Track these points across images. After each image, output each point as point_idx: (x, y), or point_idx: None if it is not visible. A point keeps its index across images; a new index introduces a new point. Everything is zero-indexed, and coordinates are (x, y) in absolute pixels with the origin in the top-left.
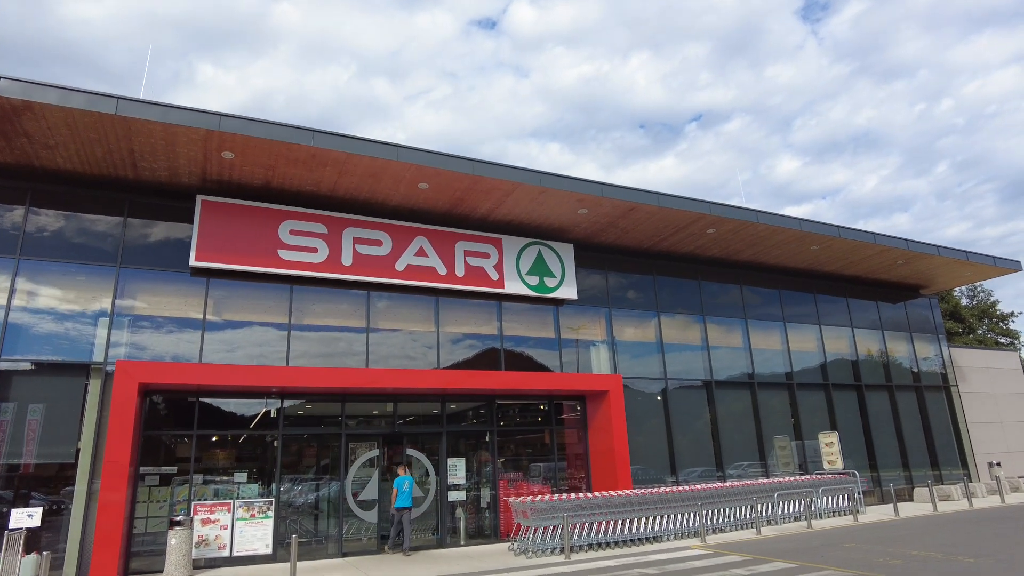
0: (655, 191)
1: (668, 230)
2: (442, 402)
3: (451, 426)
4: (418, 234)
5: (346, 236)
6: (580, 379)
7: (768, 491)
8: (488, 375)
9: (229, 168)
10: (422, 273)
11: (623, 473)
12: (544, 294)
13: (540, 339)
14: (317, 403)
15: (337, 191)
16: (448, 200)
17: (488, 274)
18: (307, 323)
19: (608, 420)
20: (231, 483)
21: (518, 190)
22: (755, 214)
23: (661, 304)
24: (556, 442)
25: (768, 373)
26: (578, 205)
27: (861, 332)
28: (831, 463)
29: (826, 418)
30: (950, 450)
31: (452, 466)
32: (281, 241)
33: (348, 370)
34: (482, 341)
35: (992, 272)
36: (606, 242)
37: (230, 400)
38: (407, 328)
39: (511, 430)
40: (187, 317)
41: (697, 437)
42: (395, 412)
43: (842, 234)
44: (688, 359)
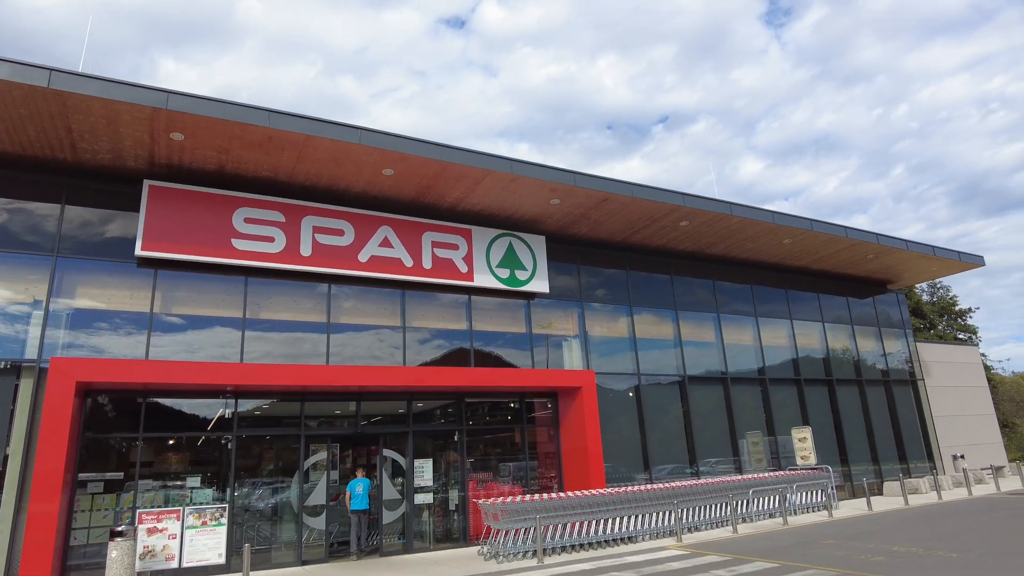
0: (629, 181)
1: (641, 222)
2: (408, 401)
3: (418, 426)
4: (383, 223)
5: (305, 225)
6: (552, 375)
7: (743, 488)
8: (457, 371)
9: (179, 151)
10: (387, 265)
11: (596, 472)
12: (515, 287)
13: (511, 335)
14: (275, 403)
15: (296, 177)
16: (415, 188)
17: (457, 266)
18: (263, 317)
19: (581, 417)
20: (183, 488)
21: (488, 177)
22: (728, 206)
23: (634, 299)
24: (527, 441)
25: (741, 369)
26: (550, 195)
27: (831, 327)
28: (804, 458)
29: (798, 413)
30: (917, 443)
31: (419, 468)
32: (235, 230)
33: (307, 367)
34: (451, 337)
35: (957, 267)
36: (578, 234)
37: (181, 400)
38: (371, 323)
39: (481, 429)
40: (133, 311)
41: (670, 434)
42: (358, 412)
43: (814, 227)
44: (661, 355)
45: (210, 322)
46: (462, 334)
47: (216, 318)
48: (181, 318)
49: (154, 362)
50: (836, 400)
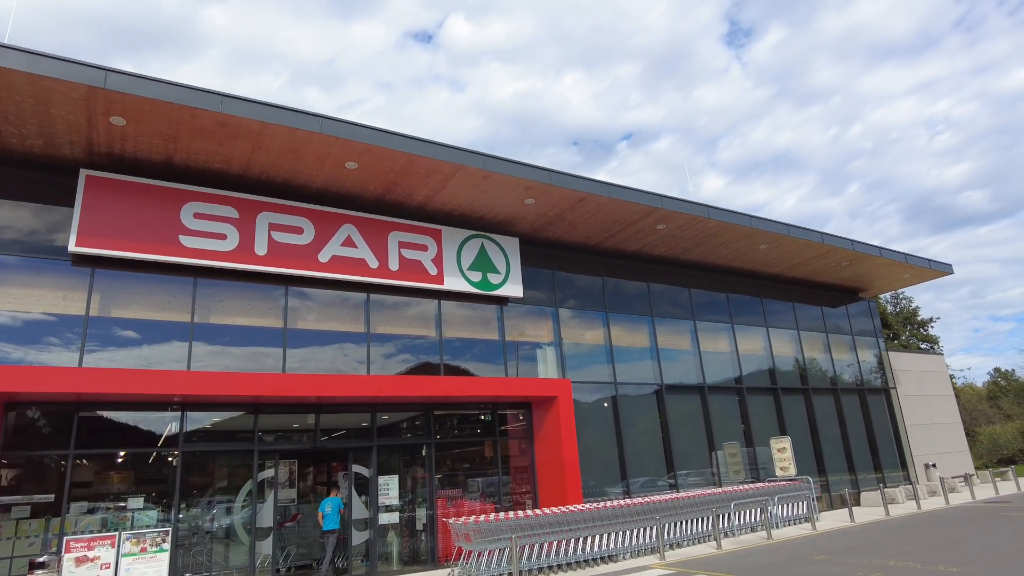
0: (606, 181)
1: (617, 225)
2: (373, 413)
3: (383, 440)
4: (346, 221)
5: (260, 222)
6: (526, 383)
7: (724, 501)
8: (425, 380)
9: (121, 138)
10: (350, 266)
11: (573, 486)
12: (488, 291)
13: (483, 342)
14: (227, 415)
15: (251, 170)
16: (380, 184)
17: (426, 268)
18: (214, 322)
19: (557, 429)
20: (124, 511)
21: (460, 173)
22: (706, 209)
23: (610, 305)
24: (500, 455)
25: (718, 378)
26: (525, 194)
27: (806, 335)
28: (784, 469)
29: (775, 422)
30: (891, 453)
31: (384, 485)
32: (183, 226)
33: (261, 375)
34: (419, 344)
35: (927, 275)
36: (553, 237)
37: (122, 412)
38: (332, 328)
39: (450, 443)
40: (66, 314)
41: (647, 445)
42: (318, 425)
43: (791, 232)
44: (638, 363)
45: (154, 327)
46: (431, 341)
47: (161, 323)
48: (122, 322)
49: (90, 370)
50: (812, 409)
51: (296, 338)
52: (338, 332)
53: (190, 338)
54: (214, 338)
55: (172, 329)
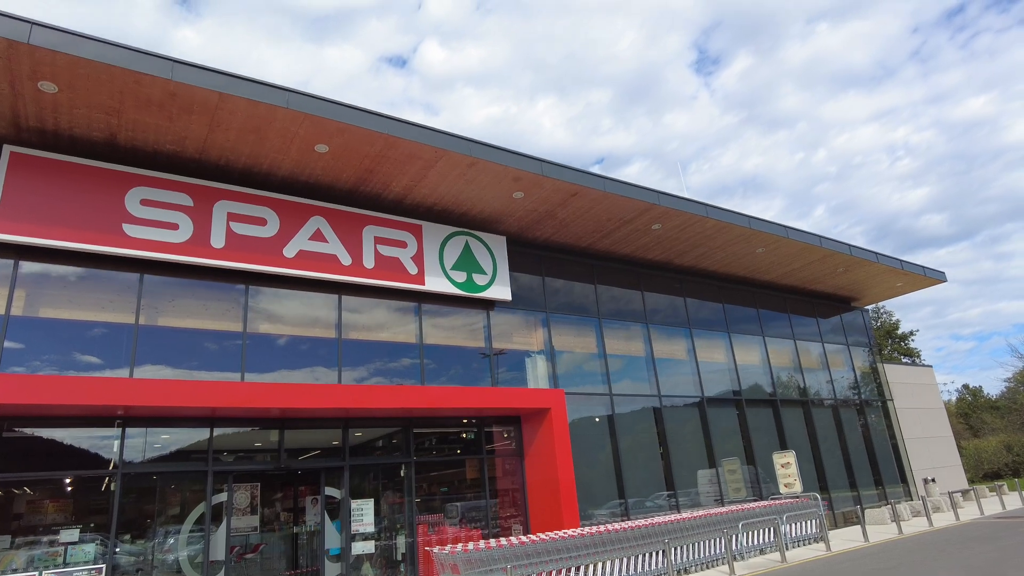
0: (601, 175)
1: (611, 224)
2: (344, 429)
3: (356, 459)
4: (315, 213)
5: (218, 211)
6: (516, 394)
7: (731, 521)
8: (404, 391)
9: (54, 110)
10: (320, 262)
11: (569, 508)
12: (473, 293)
13: (468, 350)
14: (176, 431)
15: (208, 153)
16: (354, 172)
17: (405, 267)
18: (163, 324)
19: (550, 444)
20: (56, 545)
21: (443, 160)
22: (704, 208)
23: (603, 312)
24: (487, 475)
25: (717, 390)
26: (514, 186)
27: (802, 345)
28: (788, 486)
29: (774, 437)
30: (890, 467)
31: (357, 510)
32: (128, 213)
33: (217, 384)
34: (397, 351)
35: (921, 282)
36: (542, 237)
37: (54, 430)
38: (299, 332)
39: (432, 462)
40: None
41: (646, 462)
42: (282, 443)
43: (789, 235)
44: (633, 374)
45: (92, 328)
46: (410, 348)
47: (100, 324)
48: (51, 322)
49: (11, 377)
50: (812, 422)
51: (257, 344)
52: (306, 337)
53: (134, 341)
54: (163, 343)
55: (113, 331)
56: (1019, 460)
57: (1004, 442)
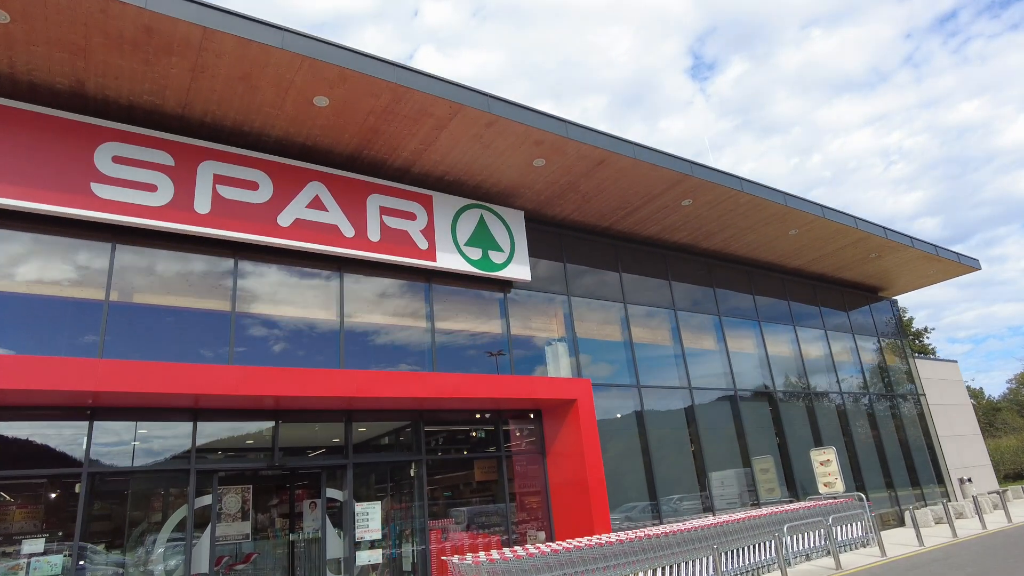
0: (631, 140)
1: (638, 199)
2: (347, 422)
3: (361, 457)
4: (313, 178)
5: (203, 173)
6: (538, 384)
7: (774, 524)
8: (414, 378)
9: (8, 46)
10: (319, 233)
11: (600, 511)
12: (489, 272)
13: (483, 336)
14: (153, 425)
15: (192, 106)
16: (357, 132)
17: (414, 241)
18: (138, 301)
19: (577, 440)
20: (18, 557)
21: (458, 118)
22: (739, 182)
23: (627, 296)
24: (505, 475)
25: (748, 382)
26: (535, 151)
27: (833, 336)
28: (828, 485)
29: (808, 432)
30: (925, 466)
31: (362, 514)
32: (98, 171)
33: (201, 368)
34: (405, 335)
35: (954, 270)
36: (561, 215)
37: (10, 423)
38: (294, 313)
39: (445, 461)
40: None
41: (676, 459)
42: (276, 438)
43: (826, 215)
44: (661, 363)
45: (54, 304)
46: (420, 333)
47: (63, 300)
48: (5, 298)
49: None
50: (846, 417)
51: (248, 326)
52: (303, 319)
53: (104, 318)
54: (136, 319)
55: (80, 307)
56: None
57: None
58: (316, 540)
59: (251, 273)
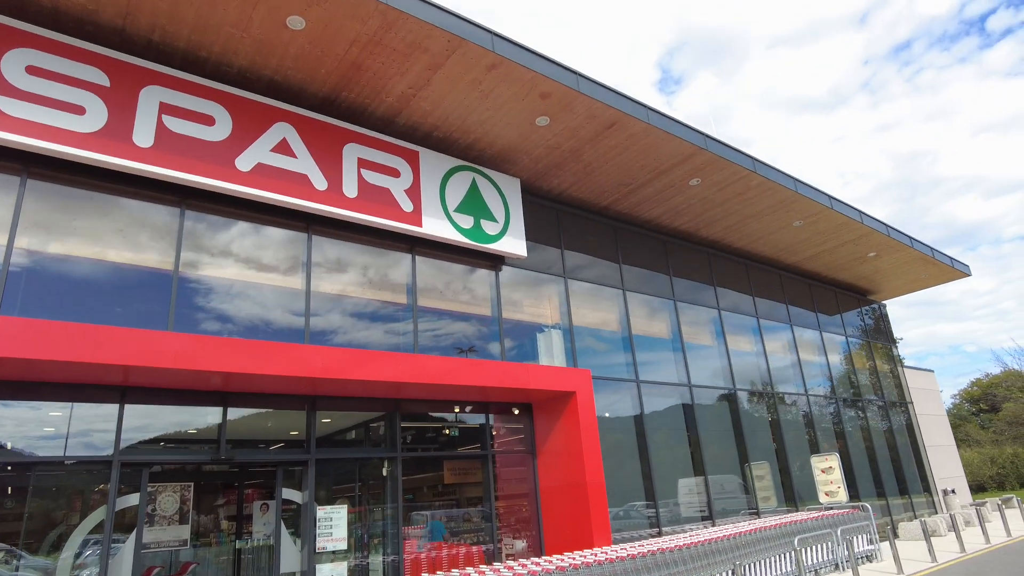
0: (645, 103)
1: (644, 174)
2: (310, 410)
3: (325, 452)
4: (281, 118)
5: (146, 99)
6: (534, 373)
7: (785, 536)
8: (392, 359)
9: None
10: (285, 182)
11: (600, 520)
12: (482, 244)
13: (471, 317)
14: (68, 407)
15: (136, 18)
16: (337, 66)
17: (397, 201)
18: (54, 252)
19: (574, 438)
20: None
21: (456, 57)
22: (752, 162)
23: (627, 282)
24: (492, 476)
25: (747, 382)
26: (539, 106)
27: (828, 338)
28: (830, 494)
29: (804, 437)
30: (913, 476)
31: (325, 519)
32: (7, 82)
33: (132, 334)
34: (383, 312)
35: (947, 274)
36: (559, 188)
37: None
38: (251, 278)
39: (423, 458)
40: None
41: (676, 463)
42: (224, 426)
43: (834, 206)
44: (660, 358)
45: None
46: (399, 310)
47: None
48: None
49: None
50: (842, 423)
51: (194, 289)
52: (262, 285)
53: (3, 267)
54: (50, 271)
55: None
56: (1003, 473)
57: (990, 455)
58: (268, 548)
59: (201, 225)
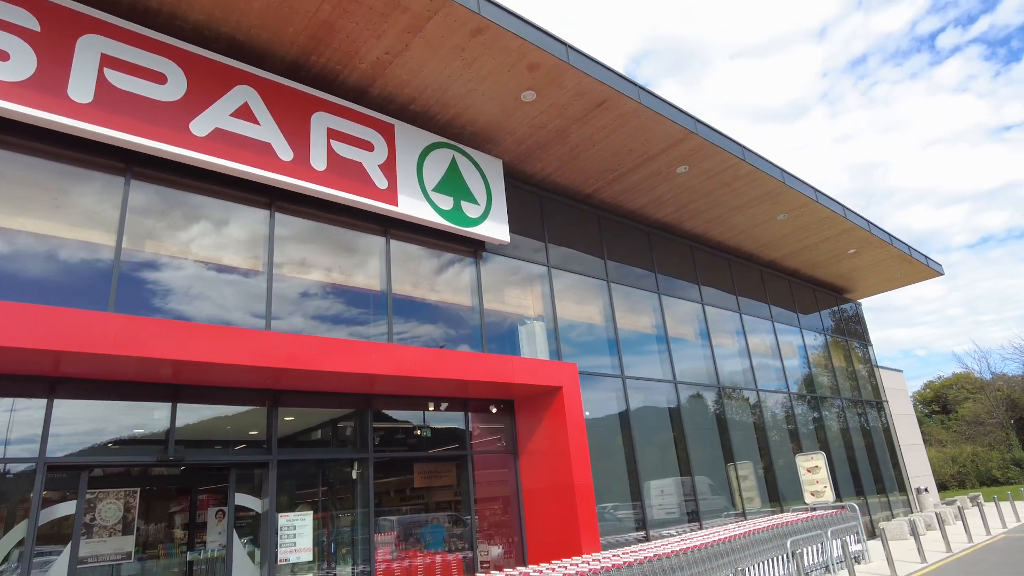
0: (637, 82)
1: (631, 160)
2: (272, 405)
3: (288, 453)
4: (243, 81)
5: (85, 49)
6: (519, 366)
7: (779, 537)
8: (365, 349)
9: None
10: (245, 150)
11: (588, 526)
12: (462, 227)
13: (449, 307)
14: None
15: None
16: (306, 26)
17: (370, 177)
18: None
19: (561, 436)
20: None
21: (438, 18)
22: (742, 150)
23: (611, 275)
24: (471, 479)
25: (731, 378)
26: (526, 78)
27: (808, 336)
28: (816, 494)
29: (786, 436)
30: (890, 475)
31: (288, 528)
32: None
33: (63, 314)
34: (354, 298)
35: (921, 273)
36: (542, 173)
37: None
38: (205, 256)
39: (397, 460)
40: None
41: (661, 464)
42: (173, 422)
43: (819, 199)
44: (645, 353)
45: None
46: (369, 298)
47: None
48: None
49: None
50: (822, 421)
51: (140, 270)
52: (217, 266)
53: None
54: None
55: None
56: (964, 472)
57: (951, 455)
58: (223, 560)
59: (149, 195)
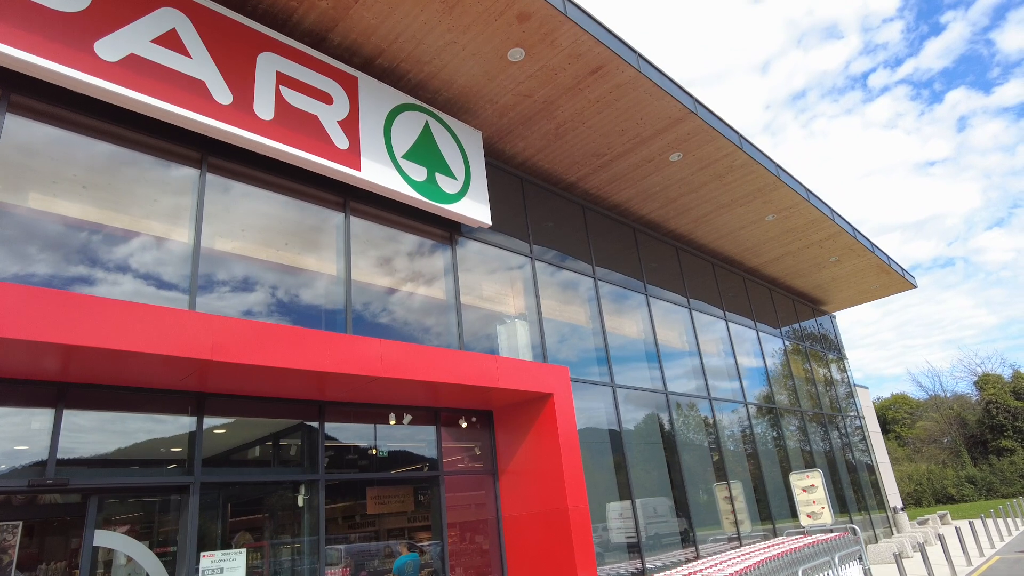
0: (635, 48)
1: (622, 143)
2: (197, 413)
3: (216, 474)
4: (170, 2)
5: None
6: (504, 368)
7: (788, 566)
8: (313, 340)
9: None
10: (169, 86)
11: (584, 554)
12: (438, 203)
13: (420, 300)
14: None
15: None
16: None
17: (328, 133)
18: None
19: (552, 452)
20: None
21: None
22: (739, 137)
23: (598, 272)
24: (442, 504)
25: (721, 390)
26: (515, 32)
27: (789, 347)
28: (813, 516)
29: (773, 452)
30: (869, 493)
31: (213, 571)
32: None
33: None
34: (304, 282)
35: (897, 285)
36: (524, 153)
37: None
38: (110, 221)
39: (353, 481)
40: None
41: (656, 482)
42: (56, 434)
43: (810, 199)
44: (632, 359)
45: None
46: (324, 282)
47: None
48: None
49: None
50: (807, 436)
51: (22, 227)
52: (128, 232)
53: None
54: None
55: None
56: (920, 490)
57: (906, 472)
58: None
59: (36, 136)
